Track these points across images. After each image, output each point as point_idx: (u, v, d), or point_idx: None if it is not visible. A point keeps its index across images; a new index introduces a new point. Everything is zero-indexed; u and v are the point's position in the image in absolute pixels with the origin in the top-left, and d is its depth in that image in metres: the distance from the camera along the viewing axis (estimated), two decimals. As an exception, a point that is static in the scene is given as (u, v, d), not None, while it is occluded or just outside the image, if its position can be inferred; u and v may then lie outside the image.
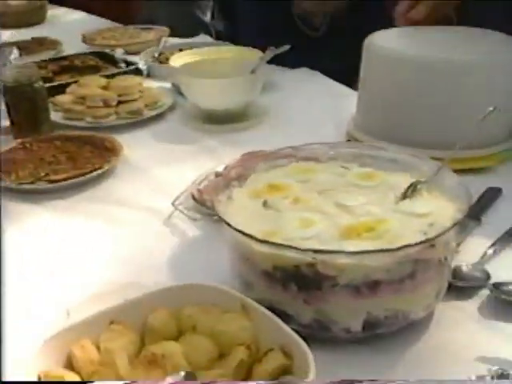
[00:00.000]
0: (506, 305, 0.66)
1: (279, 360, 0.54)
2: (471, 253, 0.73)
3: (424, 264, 0.60)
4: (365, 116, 1.04)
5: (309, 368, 0.51)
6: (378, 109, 1.01)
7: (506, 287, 0.66)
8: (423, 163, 0.72)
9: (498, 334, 0.63)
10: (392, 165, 0.74)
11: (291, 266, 0.59)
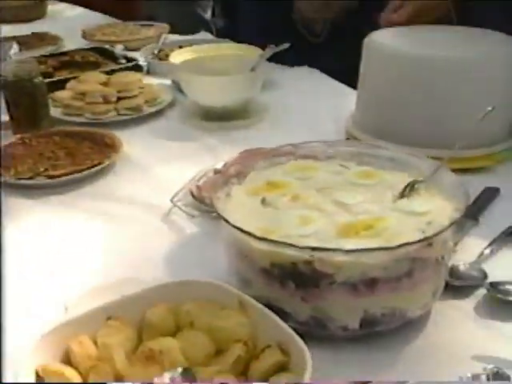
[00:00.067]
0: (503, 304, 0.66)
1: (276, 357, 0.54)
2: (468, 252, 0.73)
3: (421, 263, 0.60)
4: (364, 114, 1.04)
5: (306, 365, 0.51)
6: (377, 107, 1.01)
7: (503, 286, 0.67)
8: (421, 162, 0.72)
9: (494, 333, 0.63)
10: (390, 163, 0.74)
11: (289, 264, 0.59)
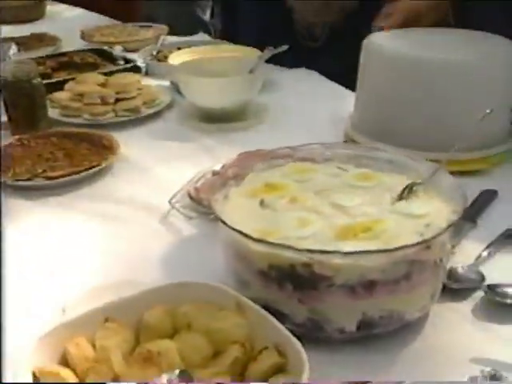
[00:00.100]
0: (500, 307, 0.66)
1: (274, 358, 0.54)
2: (466, 254, 0.73)
3: (420, 265, 0.60)
4: (362, 116, 1.04)
5: (303, 367, 0.51)
6: (376, 109, 1.01)
7: (501, 289, 0.67)
8: (419, 164, 0.72)
9: (492, 336, 0.64)
10: (388, 166, 0.74)
11: (287, 266, 0.59)
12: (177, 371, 0.51)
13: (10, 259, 0.76)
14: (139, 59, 1.47)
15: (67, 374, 0.54)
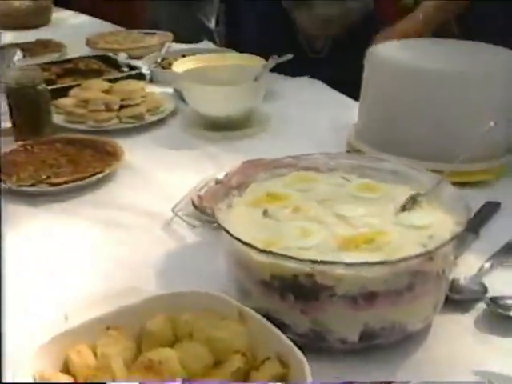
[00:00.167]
0: (502, 319, 0.66)
1: (276, 369, 0.54)
2: (469, 266, 0.73)
3: (422, 276, 0.60)
4: (365, 125, 1.05)
5: (305, 377, 0.51)
6: (379, 119, 1.01)
7: (503, 301, 0.67)
8: (423, 176, 0.73)
9: (494, 348, 0.63)
10: (392, 177, 0.74)
11: (289, 276, 0.59)
12: (179, 380, 0.51)
13: (13, 264, 0.76)
14: (144, 66, 1.47)
15: (66, 379, 0.54)
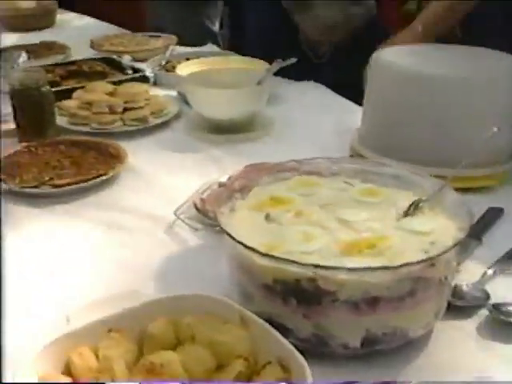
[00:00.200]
0: (505, 326, 0.66)
1: (277, 373, 0.54)
2: (471, 272, 0.73)
3: (424, 282, 0.60)
4: (368, 130, 1.05)
5: (306, 382, 0.51)
6: (382, 123, 1.01)
7: (505, 308, 0.67)
8: (426, 181, 0.73)
9: (496, 355, 0.63)
10: (395, 182, 0.74)
11: (292, 280, 0.59)
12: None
13: (16, 265, 0.76)
14: (148, 69, 1.48)
15: (67, 379, 0.54)
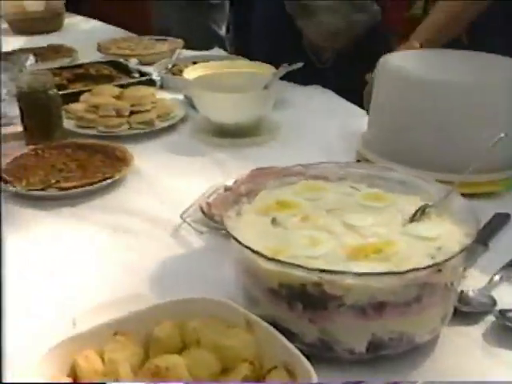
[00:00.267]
0: (511, 332, 0.65)
1: (283, 378, 0.54)
2: (478, 278, 0.73)
3: (430, 288, 0.60)
4: (375, 135, 1.05)
5: (312, 387, 0.51)
6: (388, 129, 1.01)
7: (512, 314, 0.66)
8: (431, 186, 0.72)
9: (502, 362, 0.63)
10: (401, 187, 0.74)
11: (297, 285, 0.59)
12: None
13: (22, 268, 0.77)
14: (154, 72, 1.48)
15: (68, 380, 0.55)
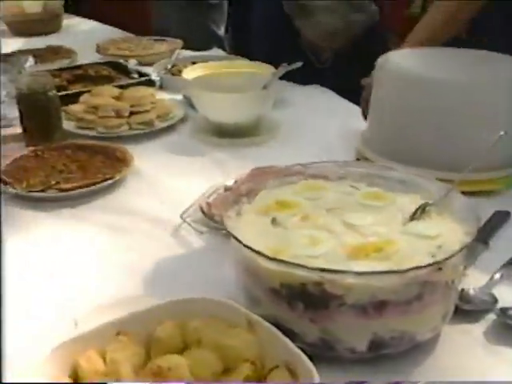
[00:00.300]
0: (512, 330, 0.66)
1: (284, 378, 0.54)
2: (478, 276, 0.73)
3: (431, 286, 0.60)
4: (374, 134, 1.05)
5: (313, 387, 0.51)
6: (388, 127, 1.01)
7: (513, 312, 0.66)
8: (431, 185, 0.72)
9: (503, 360, 0.63)
10: (401, 186, 0.74)
11: (298, 284, 0.59)
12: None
13: (22, 269, 0.77)
14: (154, 73, 1.48)
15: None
